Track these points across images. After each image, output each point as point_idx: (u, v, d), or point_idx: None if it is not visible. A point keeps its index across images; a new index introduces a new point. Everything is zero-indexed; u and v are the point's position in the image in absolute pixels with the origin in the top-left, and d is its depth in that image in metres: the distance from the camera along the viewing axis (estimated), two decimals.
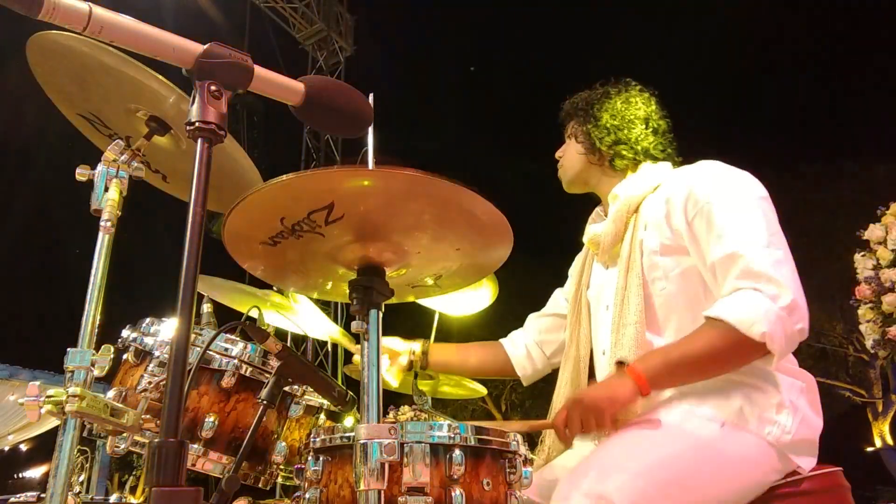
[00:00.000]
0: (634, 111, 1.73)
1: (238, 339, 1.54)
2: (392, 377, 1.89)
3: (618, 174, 1.72)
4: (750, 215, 1.43)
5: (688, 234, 1.49)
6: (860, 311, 5.00)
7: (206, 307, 1.76)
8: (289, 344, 1.45)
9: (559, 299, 1.98)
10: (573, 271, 1.92)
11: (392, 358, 1.90)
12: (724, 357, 1.36)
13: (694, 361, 1.37)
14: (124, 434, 1.40)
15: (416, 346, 1.92)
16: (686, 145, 1.76)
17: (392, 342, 1.92)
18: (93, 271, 1.22)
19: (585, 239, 1.81)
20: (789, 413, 1.39)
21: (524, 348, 1.97)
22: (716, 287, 1.44)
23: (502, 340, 2.03)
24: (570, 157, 1.79)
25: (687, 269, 1.51)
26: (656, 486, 1.25)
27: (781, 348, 1.31)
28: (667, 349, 1.43)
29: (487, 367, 2.00)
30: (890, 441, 13.52)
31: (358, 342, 1.10)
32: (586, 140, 1.74)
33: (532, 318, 2.02)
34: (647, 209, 1.60)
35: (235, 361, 1.51)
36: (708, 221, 1.45)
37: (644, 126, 1.71)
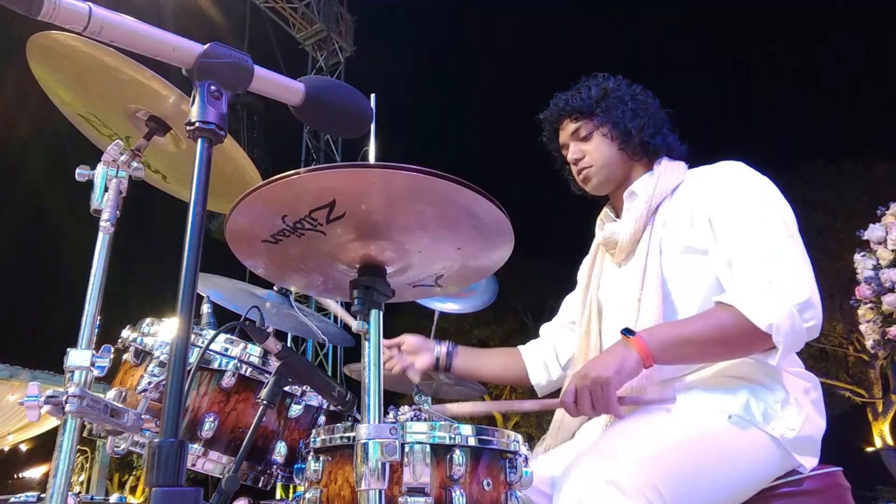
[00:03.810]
0: (653, 102, 1.70)
1: (238, 339, 1.54)
2: (415, 375, 1.82)
3: (642, 169, 1.67)
4: (770, 217, 1.44)
5: (709, 234, 1.49)
6: (860, 311, 5.00)
7: (206, 307, 1.76)
8: (289, 344, 1.45)
9: (570, 306, 1.94)
10: (581, 274, 1.88)
11: (416, 356, 1.83)
12: (729, 342, 1.36)
13: (699, 341, 1.37)
14: (124, 434, 1.40)
15: (443, 346, 1.85)
16: (686, 146, 1.75)
17: (416, 339, 1.85)
18: (93, 271, 1.22)
19: (599, 239, 1.77)
20: (794, 410, 1.39)
21: (541, 358, 1.92)
22: (731, 284, 1.44)
23: (521, 348, 1.98)
24: (603, 156, 1.66)
25: (706, 271, 1.50)
26: (663, 474, 1.24)
27: (787, 343, 1.30)
28: (674, 325, 1.42)
29: (507, 374, 1.96)
30: (890, 441, 13.53)
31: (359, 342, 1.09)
32: (620, 132, 1.64)
33: (546, 328, 1.98)
34: (667, 209, 1.59)
35: (235, 361, 1.51)
36: (728, 222, 1.46)
37: (664, 117, 1.70)
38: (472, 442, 1.16)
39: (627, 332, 1.37)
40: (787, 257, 1.37)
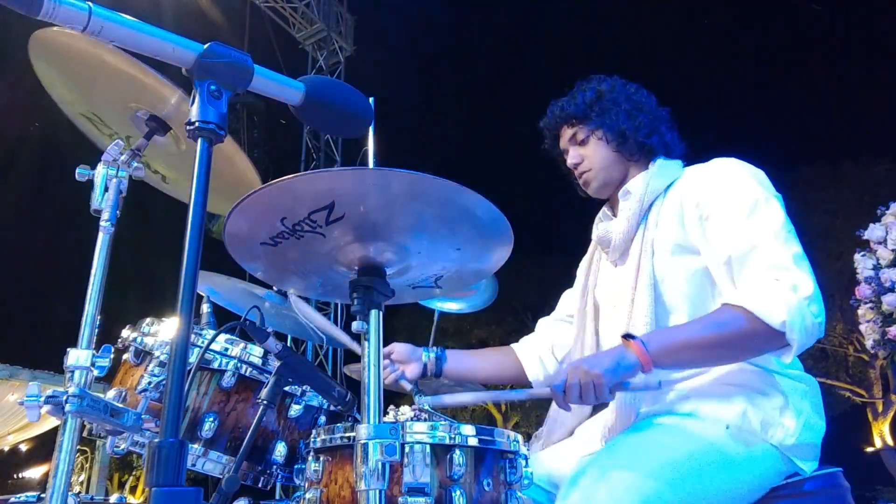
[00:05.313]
0: (648, 101, 1.69)
1: (238, 339, 1.54)
2: (407, 385, 1.78)
3: (639, 169, 1.66)
4: (765, 212, 1.42)
5: (700, 232, 1.48)
6: (860, 311, 4.99)
7: (206, 307, 1.76)
8: (289, 344, 1.45)
9: (569, 301, 1.93)
10: (580, 272, 1.88)
11: (406, 365, 1.79)
12: (737, 344, 1.33)
13: (706, 345, 1.34)
14: (124, 434, 1.40)
15: (431, 352, 1.82)
16: (686, 144, 1.75)
17: (405, 348, 1.81)
18: (93, 271, 1.22)
19: (595, 237, 1.77)
20: (793, 416, 1.39)
21: (536, 354, 1.91)
22: (729, 284, 1.42)
23: (514, 346, 1.97)
24: (601, 159, 1.67)
25: (698, 271, 1.49)
26: (665, 488, 1.24)
27: (801, 339, 1.28)
28: (677, 329, 1.42)
29: (501, 373, 1.94)
30: (890, 441, 13.52)
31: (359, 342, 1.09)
32: (616, 135, 1.65)
33: (543, 323, 1.98)
34: (660, 208, 1.58)
35: (235, 361, 1.51)
36: (722, 219, 1.44)
37: (662, 116, 1.69)
38: (472, 442, 1.16)
39: (628, 336, 1.36)
40: (789, 252, 1.35)
